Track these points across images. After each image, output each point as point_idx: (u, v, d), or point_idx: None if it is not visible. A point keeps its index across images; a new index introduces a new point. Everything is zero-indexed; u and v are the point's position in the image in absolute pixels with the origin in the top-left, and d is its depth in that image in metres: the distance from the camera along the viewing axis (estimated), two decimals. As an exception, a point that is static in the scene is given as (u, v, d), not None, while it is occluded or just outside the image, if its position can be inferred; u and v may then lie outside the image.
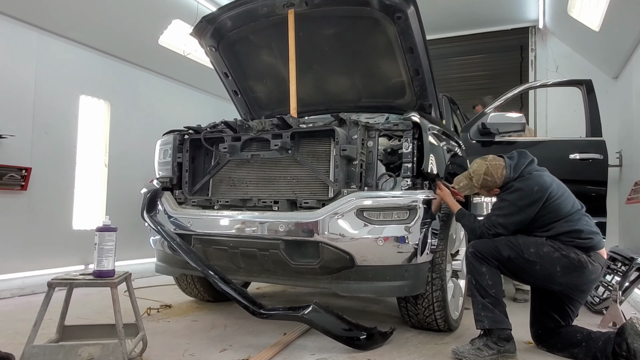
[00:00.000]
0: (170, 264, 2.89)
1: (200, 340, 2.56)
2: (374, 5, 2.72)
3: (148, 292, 3.92)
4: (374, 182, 2.52)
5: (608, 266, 3.76)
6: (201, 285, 3.37)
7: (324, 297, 3.63)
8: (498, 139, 3.67)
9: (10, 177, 3.77)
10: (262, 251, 2.45)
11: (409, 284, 2.37)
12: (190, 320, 3.01)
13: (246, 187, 2.75)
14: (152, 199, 2.81)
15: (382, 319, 3.11)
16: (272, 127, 2.64)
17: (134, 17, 4.56)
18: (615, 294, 3.02)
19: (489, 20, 5.60)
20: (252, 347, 2.40)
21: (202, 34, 3.24)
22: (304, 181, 2.59)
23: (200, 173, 2.94)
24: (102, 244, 2.07)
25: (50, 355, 1.91)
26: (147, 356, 2.23)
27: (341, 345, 2.37)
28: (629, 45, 4.11)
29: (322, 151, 2.57)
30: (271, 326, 2.78)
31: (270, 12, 2.97)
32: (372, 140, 2.55)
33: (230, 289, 2.41)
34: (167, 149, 2.97)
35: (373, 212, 2.29)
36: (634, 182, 3.84)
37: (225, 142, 2.72)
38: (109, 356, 1.92)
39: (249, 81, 3.62)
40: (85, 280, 2.08)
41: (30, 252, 4.01)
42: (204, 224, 2.61)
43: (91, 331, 2.29)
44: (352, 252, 2.30)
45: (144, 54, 5.12)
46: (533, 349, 2.51)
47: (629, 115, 4.34)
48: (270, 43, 3.26)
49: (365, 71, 3.22)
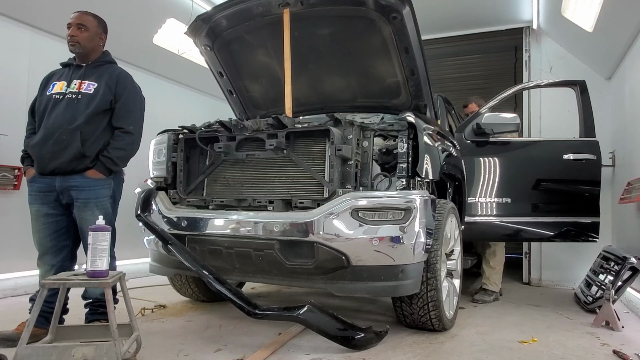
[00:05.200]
0: (164, 264, 2.88)
1: (194, 340, 2.55)
2: (369, 5, 2.72)
3: (142, 292, 3.90)
4: (369, 182, 2.52)
5: (601, 265, 3.79)
6: (196, 285, 3.35)
7: (319, 297, 3.63)
8: (492, 139, 3.68)
9: (3, 177, 3.74)
10: (257, 251, 2.44)
11: (403, 284, 2.38)
12: (185, 321, 3.00)
13: (241, 187, 2.74)
14: (146, 198, 2.80)
15: (377, 318, 3.11)
16: (267, 127, 2.63)
17: (127, 16, 4.53)
18: (609, 293, 3.05)
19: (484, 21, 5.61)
20: (247, 347, 2.40)
21: (197, 33, 3.23)
22: (299, 181, 2.59)
23: (194, 173, 2.93)
24: (95, 244, 2.06)
25: (44, 356, 1.90)
26: (141, 357, 2.22)
27: (336, 345, 2.37)
28: (622, 47, 4.14)
29: (317, 151, 2.57)
30: (266, 326, 2.78)
31: (266, 11, 2.97)
32: (368, 140, 2.55)
33: (225, 289, 2.41)
34: (162, 149, 2.95)
35: (368, 212, 2.29)
36: (627, 182, 3.87)
37: (220, 142, 2.71)
38: (103, 357, 1.91)
39: (244, 81, 3.61)
40: (78, 280, 2.07)
41: (23, 253, 3.96)
42: (198, 224, 2.60)
43: (85, 332, 2.28)
44: (347, 252, 2.30)
45: (138, 53, 5.09)
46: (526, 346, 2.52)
47: (622, 115, 4.37)
48: (265, 42, 3.25)
49: (361, 71, 3.22)
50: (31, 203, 2.52)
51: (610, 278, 3.42)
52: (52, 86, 2.57)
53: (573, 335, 2.83)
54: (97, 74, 2.57)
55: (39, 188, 2.50)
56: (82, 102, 2.48)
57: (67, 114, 2.45)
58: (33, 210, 2.51)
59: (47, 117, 2.49)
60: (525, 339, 2.64)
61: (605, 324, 3.02)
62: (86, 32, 2.57)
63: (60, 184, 2.45)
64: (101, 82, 2.53)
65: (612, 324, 2.97)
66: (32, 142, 2.50)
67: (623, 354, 2.36)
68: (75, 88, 2.51)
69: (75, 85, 2.52)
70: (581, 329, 2.99)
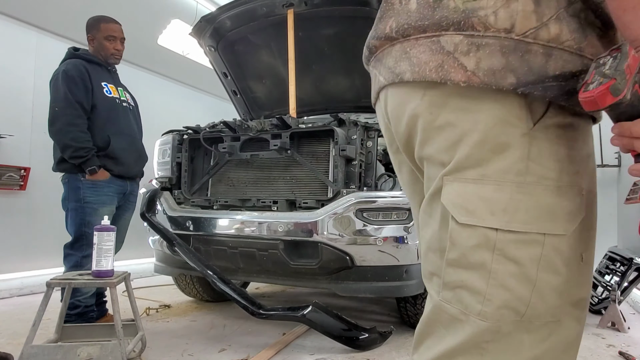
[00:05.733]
0: (169, 264, 2.89)
1: (199, 340, 2.55)
2: (373, 5, 2.72)
3: (147, 292, 3.91)
4: (373, 182, 2.52)
5: (607, 266, 3.76)
6: (200, 285, 3.36)
7: (323, 297, 3.63)
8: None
9: (9, 177, 3.77)
10: (261, 251, 2.45)
11: (408, 284, 2.37)
12: (189, 320, 3.01)
13: (245, 187, 2.75)
14: (151, 199, 2.81)
15: (381, 319, 3.11)
16: (271, 127, 2.64)
17: (133, 17, 4.55)
18: (614, 294, 3.03)
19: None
20: (251, 347, 2.40)
21: (202, 34, 3.24)
22: (303, 181, 2.59)
23: (199, 173, 2.94)
24: (100, 244, 2.07)
25: (49, 355, 1.91)
26: (146, 356, 2.23)
27: (340, 346, 2.37)
28: (628, 46, 4.12)
29: (321, 151, 2.57)
30: (270, 326, 2.78)
31: (270, 12, 2.97)
32: (372, 140, 2.54)
33: (230, 289, 2.41)
34: (166, 149, 2.96)
35: (372, 212, 2.29)
36: (633, 182, 3.84)
37: (225, 142, 2.71)
38: (108, 356, 1.92)
39: (248, 81, 3.61)
40: (84, 280, 2.08)
41: (29, 252, 4.00)
42: (203, 224, 2.61)
43: (90, 331, 2.29)
44: (351, 252, 2.30)
45: (143, 54, 5.11)
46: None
47: (628, 115, 4.34)
48: (269, 43, 3.26)
49: (365, 71, 3.19)
50: (107, 203, 2.56)
51: (616, 279, 3.40)
52: (106, 88, 2.61)
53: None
54: (121, 83, 2.80)
55: (116, 189, 2.62)
56: (136, 113, 2.79)
57: (136, 124, 2.74)
58: (107, 211, 2.52)
59: (120, 122, 2.59)
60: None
61: (611, 325, 3.00)
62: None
63: (130, 188, 2.71)
64: (130, 94, 2.83)
65: (618, 325, 2.95)
66: (118, 146, 2.56)
67: (629, 355, 2.34)
68: (126, 99, 2.73)
69: (123, 94, 2.72)
70: (587, 330, 2.97)
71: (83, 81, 2.48)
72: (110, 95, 2.60)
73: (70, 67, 2.49)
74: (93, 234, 2.26)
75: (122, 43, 2.69)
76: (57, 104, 2.46)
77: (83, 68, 2.51)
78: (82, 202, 2.48)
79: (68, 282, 2.09)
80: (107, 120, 2.55)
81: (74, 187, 2.50)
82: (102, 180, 2.52)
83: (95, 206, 2.50)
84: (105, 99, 2.57)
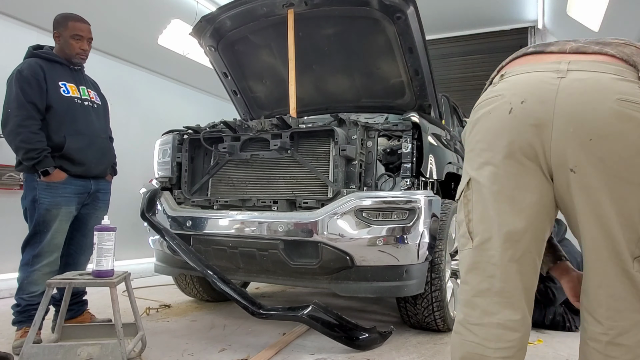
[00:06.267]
0: (169, 264, 2.89)
1: (199, 340, 2.56)
2: (373, 5, 2.72)
3: (147, 292, 3.91)
4: (373, 182, 2.52)
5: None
6: (200, 285, 3.36)
7: (323, 297, 3.63)
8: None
9: (9, 177, 3.77)
10: (261, 251, 2.45)
11: (408, 284, 2.37)
12: (190, 320, 3.01)
13: (245, 187, 2.75)
14: (151, 198, 2.81)
15: (381, 318, 3.11)
16: (272, 127, 2.64)
17: (133, 17, 4.55)
18: None
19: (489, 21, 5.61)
20: (251, 347, 2.40)
21: (202, 34, 3.23)
22: (303, 181, 2.59)
23: (199, 173, 2.94)
24: (101, 244, 2.07)
25: (49, 355, 1.91)
26: (146, 356, 2.23)
27: (340, 345, 2.37)
28: (628, 46, 4.12)
29: (321, 151, 2.57)
30: (270, 326, 2.78)
31: (270, 12, 2.97)
32: (372, 140, 2.54)
33: (230, 289, 2.41)
34: (167, 149, 2.97)
35: (372, 212, 2.29)
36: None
37: (225, 142, 2.71)
38: (108, 356, 1.92)
39: (249, 81, 3.61)
40: (84, 280, 2.08)
41: (29, 252, 3.99)
42: (203, 223, 2.61)
43: (90, 331, 2.30)
44: (351, 252, 2.30)
45: (143, 54, 5.12)
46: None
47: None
48: (269, 43, 3.25)
49: (365, 71, 3.22)
50: (63, 205, 2.46)
51: None
52: (64, 87, 2.52)
53: (579, 336, 2.81)
54: (88, 81, 2.74)
55: (76, 190, 2.52)
56: (100, 112, 2.70)
57: (98, 123, 2.65)
58: (64, 212, 2.46)
59: (78, 122, 2.50)
60: (530, 340, 2.63)
61: None
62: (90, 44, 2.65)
63: (95, 187, 2.62)
64: (97, 92, 2.75)
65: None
66: (74, 146, 2.47)
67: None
68: (89, 97, 2.63)
69: (86, 93, 2.63)
70: None
71: (37, 81, 2.39)
72: (67, 95, 2.49)
73: (25, 67, 2.43)
74: (46, 235, 2.38)
75: (89, 43, 2.60)
76: (10, 105, 2.38)
77: (39, 68, 2.43)
78: (37, 202, 2.41)
79: (68, 281, 2.10)
80: (64, 120, 2.45)
81: (30, 187, 2.44)
82: (59, 182, 2.43)
83: (49, 207, 2.41)
84: (61, 98, 2.47)
